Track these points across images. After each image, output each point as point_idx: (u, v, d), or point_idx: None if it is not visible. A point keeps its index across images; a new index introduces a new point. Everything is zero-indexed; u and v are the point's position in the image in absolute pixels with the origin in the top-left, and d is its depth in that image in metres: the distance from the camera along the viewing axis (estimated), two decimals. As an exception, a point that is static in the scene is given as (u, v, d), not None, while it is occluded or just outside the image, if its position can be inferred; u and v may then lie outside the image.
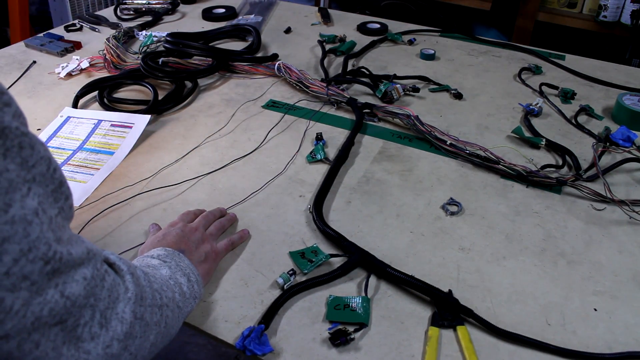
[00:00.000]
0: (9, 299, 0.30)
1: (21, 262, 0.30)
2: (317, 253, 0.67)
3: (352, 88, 1.10)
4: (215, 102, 1.04)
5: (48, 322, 0.33)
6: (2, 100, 0.31)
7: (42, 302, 0.32)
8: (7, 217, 0.30)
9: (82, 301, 0.35)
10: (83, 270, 0.36)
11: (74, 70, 1.12)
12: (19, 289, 0.30)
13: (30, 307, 0.31)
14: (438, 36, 1.40)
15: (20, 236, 0.30)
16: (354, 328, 0.57)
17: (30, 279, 0.31)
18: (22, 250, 0.30)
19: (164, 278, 0.52)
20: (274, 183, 0.81)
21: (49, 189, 0.34)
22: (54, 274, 0.33)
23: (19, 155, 0.31)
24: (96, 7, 2.25)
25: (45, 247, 0.32)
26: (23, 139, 0.32)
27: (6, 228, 0.30)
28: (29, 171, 0.32)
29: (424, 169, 0.85)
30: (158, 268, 0.54)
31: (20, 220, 0.30)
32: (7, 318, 0.30)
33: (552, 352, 0.56)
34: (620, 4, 1.74)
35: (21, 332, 0.31)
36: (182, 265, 0.56)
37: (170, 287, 0.51)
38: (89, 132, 0.93)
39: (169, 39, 1.18)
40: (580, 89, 1.10)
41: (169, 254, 0.58)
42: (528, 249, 0.70)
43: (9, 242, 0.30)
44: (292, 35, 1.39)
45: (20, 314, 0.31)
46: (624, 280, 0.65)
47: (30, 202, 0.31)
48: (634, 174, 0.85)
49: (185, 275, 0.55)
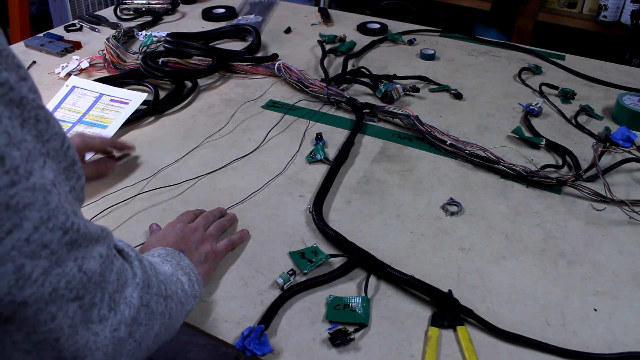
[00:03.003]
0: (29, 265, 0.31)
1: (41, 230, 0.31)
2: (317, 253, 0.67)
3: (352, 88, 1.10)
4: (215, 102, 1.04)
5: (65, 295, 0.33)
6: (19, 73, 0.32)
7: (61, 274, 0.33)
8: (29, 184, 0.31)
9: (97, 278, 0.36)
10: (99, 248, 0.36)
11: (74, 70, 1.12)
12: (38, 257, 0.31)
13: (48, 277, 0.32)
14: (438, 36, 1.40)
15: (40, 204, 0.31)
16: (353, 328, 0.57)
17: (50, 248, 0.32)
18: (42, 218, 0.31)
19: (167, 274, 0.52)
20: (274, 183, 0.81)
21: (62, 166, 0.34)
22: (72, 245, 0.34)
23: (34, 128, 0.32)
24: (96, 7, 2.25)
25: (64, 217, 0.33)
26: (39, 112, 0.33)
27: (27, 194, 0.30)
28: (44, 145, 0.33)
29: (424, 169, 0.85)
30: (160, 265, 0.54)
31: (41, 189, 0.31)
32: (27, 285, 0.31)
33: (552, 352, 0.56)
34: (620, 4, 1.74)
35: (39, 301, 0.32)
36: (182, 265, 0.57)
37: (174, 282, 0.51)
38: (90, 105, 0.96)
39: (169, 39, 1.18)
40: (580, 89, 1.10)
41: (170, 253, 0.58)
42: (528, 249, 0.70)
43: (29, 209, 0.30)
44: (292, 35, 1.39)
45: (39, 282, 0.31)
46: (624, 281, 0.65)
47: (47, 174, 0.32)
48: (634, 174, 0.85)
49: (186, 274, 0.55)
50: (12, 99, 0.31)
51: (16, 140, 0.30)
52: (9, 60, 0.32)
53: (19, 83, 0.32)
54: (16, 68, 0.32)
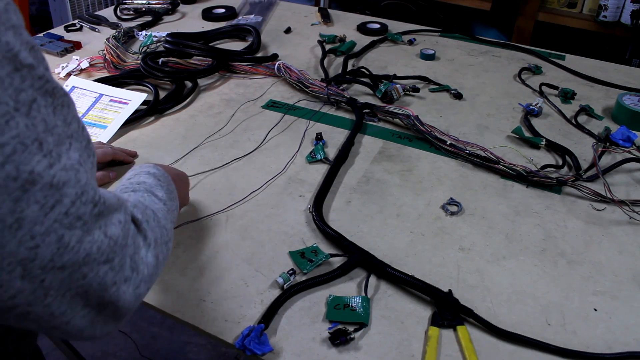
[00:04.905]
0: (67, 236, 0.35)
1: (77, 204, 0.35)
2: (317, 253, 0.67)
3: (352, 88, 1.10)
4: (215, 102, 1.04)
5: (97, 258, 0.37)
6: (44, 64, 0.35)
7: (92, 241, 0.36)
8: (62, 165, 0.34)
9: (122, 241, 0.40)
10: (118, 215, 0.40)
11: (74, 70, 1.12)
12: (74, 227, 0.35)
13: (82, 245, 0.36)
14: (438, 36, 1.40)
15: (74, 181, 0.35)
16: (353, 328, 0.57)
17: (83, 219, 0.36)
18: (77, 193, 0.35)
19: (162, 209, 0.53)
20: (274, 183, 0.81)
21: (82, 145, 0.38)
22: (99, 215, 0.37)
23: (61, 113, 0.36)
24: (96, 7, 2.25)
25: (93, 191, 0.37)
26: (64, 99, 0.37)
27: (63, 174, 0.34)
28: (69, 127, 0.37)
29: (424, 169, 0.85)
30: (155, 190, 0.56)
31: (71, 168, 0.35)
32: (65, 252, 0.35)
33: (552, 352, 0.56)
34: (620, 4, 1.74)
35: (74, 264, 0.35)
36: (170, 188, 0.59)
37: (169, 219, 0.53)
38: (90, 106, 0.96)
39: (169, 39, 1.18)
40: (580, 89, 1.10)
41: (162, 174, 0.60)
42: (528, 249, 0.70)
43: (67, 186, 0.34)
44: (292, 35, 1.39)
45: (75, 249, 0.35)
46: (624, 281, 0.65)
47: (73, 154, 0.36)
48: (634, 174, 0.85)
49: (172, 199, 0.58)
50: (47, 90, 0.35)
51: (50, 126, 0.34)
52: (39, 55, 0.35)
53: (48, 73, 0.35)
54: (43, 60, 0.35)
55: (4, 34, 0.32)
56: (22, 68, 0.33)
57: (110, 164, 0.83)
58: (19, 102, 0.32)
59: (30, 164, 0.32)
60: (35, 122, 0.33)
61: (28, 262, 0.33)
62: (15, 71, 0.32)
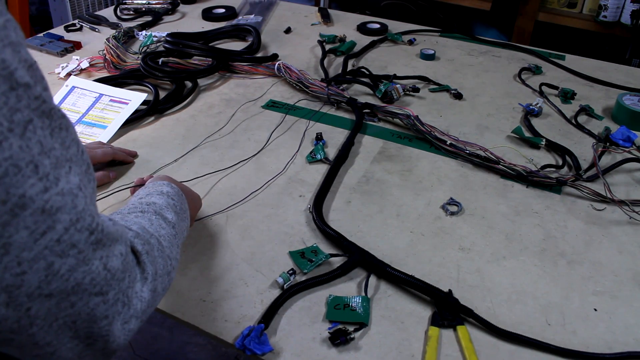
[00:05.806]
0: (58, 263, 0.34)
1: (71, 231, 0.34)
2: (317, 253, 0.67)
3: (352, 88, 1.10)
4: (215, 102, 1.04)
5: (88, 289, 0.36)
6: (43, 84, 0.34)
7: (87, 271, 0.35)
8: (58, 189, 0.33)
9: (120, 275, 0.38)
10: (119, 247, 0.39)
11: (74, 70, 1.12)
12: (66, 255, 0.34)
13: (74, 274, 0.35)
14: (438, 36, 1.40)
15: (69, 207, 0.34)
16: (353, 328, 0.57)
17: (77, 247, 0.35)
18: (71, 220, 0.34)
19: (170, 234, 0.52)
20: (274, 183, 0.81)
21: (82, 169, 0.37)
22: (97, 244, 0.36)
23: (59, 136, 0.35)
24: (96, 7, 2.25)
25: (90, 218, 0.36)
26: (62, 121, 0.35)
27: (58, 199, 0.33)
28: (67, 151, 0.35)
29: (424, 169, 0.85)
30: (165, 212, 0.55)
31: (68, 193, 0.34)
32: (54, 280, 0.34)
33: (552, 352, 0.56)
34: (620, 4, 1.74)
35: (62, 292, 0.34)
36: (184, 207, 0.59)
37: (175, 244, 0.52)
38: (90, 105, 0.96)
39: (169, 39, 1.18)
40: (580, 89, 1.10)
41: (176, 193, 0.60)
42: (528, 249, 0.70)
43: (61, 212, 0.33)
44: (292, 35, 1.39)
45: (65, 277, 0.34)
46: (624, 280, 0.65)
47: (73, 178, 0.35)
48: (634, 174, 0.85)
49: (183, 219, 0.58)
50: (44, 111, 0.33)
51: (47, 148, 0.33)
52: (38, 74, 0.34)
53: (46, 93, 0.34)
54: (42, 80, 0.34)
55: (1, 51, 0.31)
56: (18, 87, 0.31)
57: (110, 164, 0.83)
58: (14, 122, 0.31)
59: (23, 187, 0.31)
60: (31, 143, 0.32)
61: (14, 289, 0.32)
62: (10, 90, 0.31)
